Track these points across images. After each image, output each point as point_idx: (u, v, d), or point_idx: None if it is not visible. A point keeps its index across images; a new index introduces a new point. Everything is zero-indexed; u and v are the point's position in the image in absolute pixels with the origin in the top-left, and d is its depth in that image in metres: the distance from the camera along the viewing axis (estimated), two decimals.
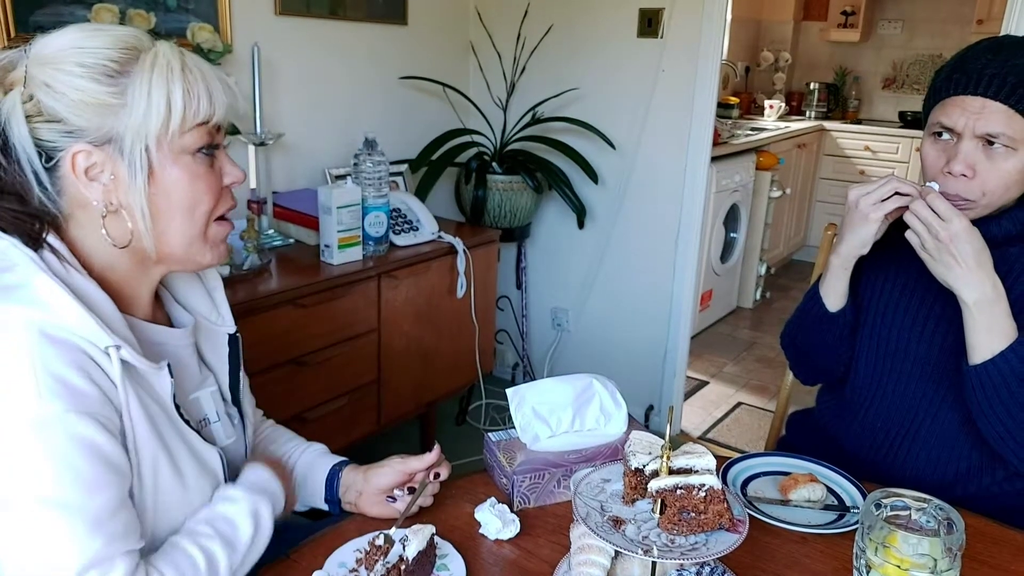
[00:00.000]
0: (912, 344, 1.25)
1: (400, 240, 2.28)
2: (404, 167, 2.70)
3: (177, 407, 0.91)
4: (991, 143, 1.09)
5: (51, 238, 0.85)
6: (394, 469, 1.11)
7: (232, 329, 1.08)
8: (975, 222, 1.14)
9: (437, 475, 1.11)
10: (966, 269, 1.06)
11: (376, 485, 1.11)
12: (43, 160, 0.83)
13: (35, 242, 0.84)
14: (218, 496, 0.96)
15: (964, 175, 1.11)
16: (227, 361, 1.07)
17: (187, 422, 0.93)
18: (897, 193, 1.12)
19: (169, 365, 0.90)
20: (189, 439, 0.93)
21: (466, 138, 2.78)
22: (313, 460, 1.17)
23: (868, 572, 0.86)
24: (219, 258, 0.97)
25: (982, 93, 1.08)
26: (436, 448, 1.11)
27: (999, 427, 1.12)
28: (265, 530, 0.96)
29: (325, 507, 1.15)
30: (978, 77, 1.08)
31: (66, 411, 0.77)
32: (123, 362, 0.83)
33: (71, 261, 0.85)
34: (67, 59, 0.83)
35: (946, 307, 1.19)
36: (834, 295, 1.27)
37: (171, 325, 1.02)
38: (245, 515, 0.95)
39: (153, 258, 0.91)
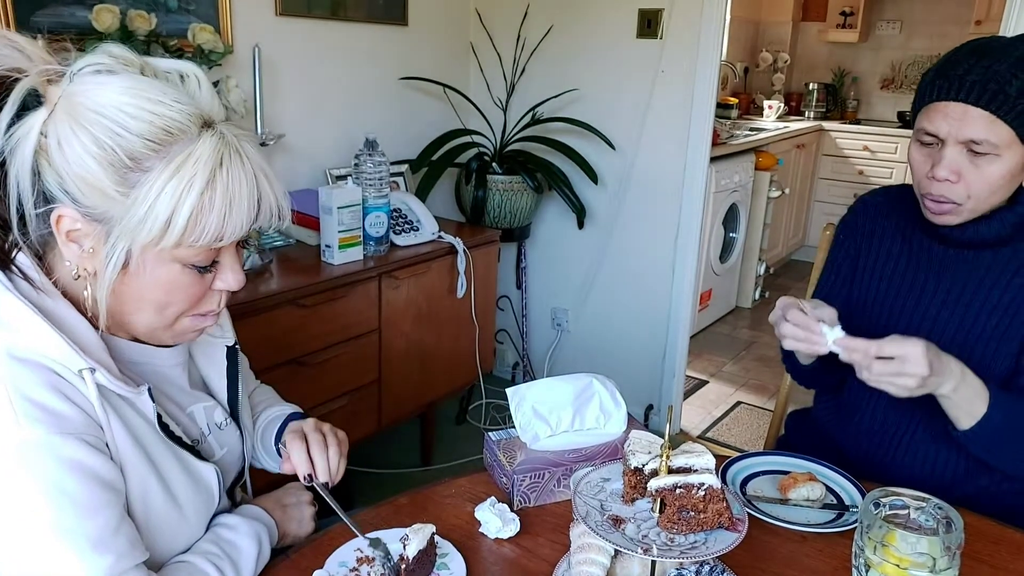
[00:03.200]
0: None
1: (401, 240, 2.28)
2: (404, 167, 2.71)
3: (166, 426, 0.88)
4: (975, 149, 1.09)
5: (22, 258, 0.81)
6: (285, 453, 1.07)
7: (231, 341, 1.06)
8: (966, 225, 1.16)
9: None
10: (931, 380, 1.04)
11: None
12: (36, 198, 0.77)
13: (1, 262, 0.80)
14: (218, 524, 0.96)
15: (949, 180, 1.11)
16: (225, 375, 1.04)
17: (179, 439, 0.90)
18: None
19: (150, 389, 0.86)
20: (181, 456, 0.90)
21: (466, 138, 2.78)
22: (263, 432, 1.16)
23: (867, 571, 0.86)
24: (183, 342, 0.93)
25: (963, 99, 1.07)
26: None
27: (1003, 464, 1.17)
28: (265, 554, 0.98)
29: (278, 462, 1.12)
30: (959, 83, 1.08)
31: (49, 435, 0.74)
32: (101, 385, 0.80)
33: (42, 284, 0.81)
34: (91, 126, 0.75)
35: (941, 309, 1.21)
36: (802, 355, 1.28)
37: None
38: (248, 538, 0.96)
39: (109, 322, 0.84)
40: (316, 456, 1.04)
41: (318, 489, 1.04)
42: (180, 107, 0.78)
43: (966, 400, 1.09)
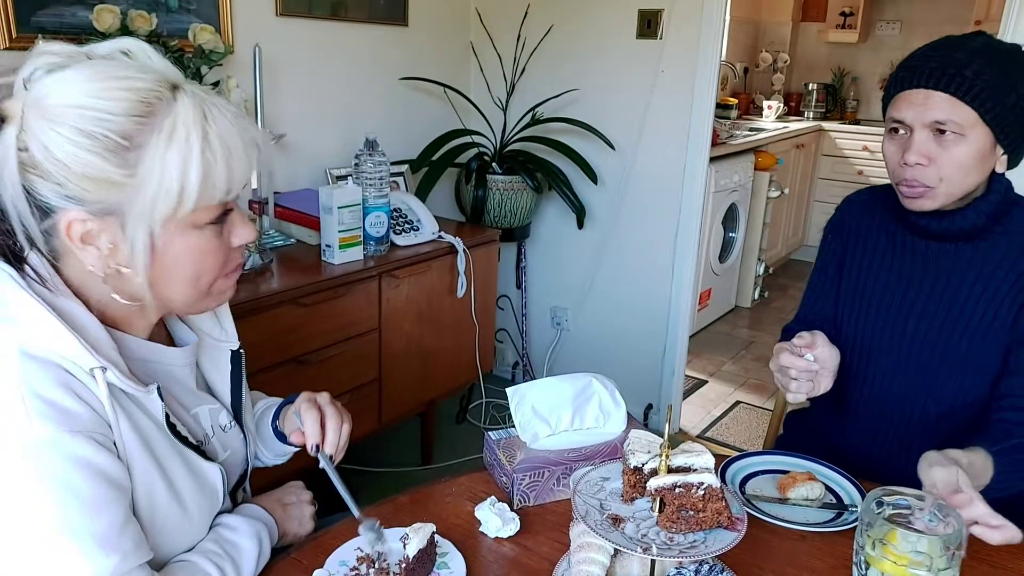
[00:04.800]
0: (895, 340, 1.27)
1: (401, 240, 2.29)
2: (405, 167, 2.71)
3: (172, 426, 0.88)
4: (942, 132, 1.14)
5: (34, 257, 0.81)
6: (289, 422, 1.09)
7: (235, 345, 1.06)
8: (943, 217, 1.20)
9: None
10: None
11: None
12: (36, 213, 0.76)
13: (14, 259, 0.80)
14: (219, 524, 0.96)
15: (920, 164, 1.15)
16: (229, 378, 1.05)
17: (184, 439, 0.90)
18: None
19: (159, 388, 0.86)
20: (186, 456, 0.90)
21: (466, 138, 2.79)
22: (260, 418, 1.18)
23: (867, 568, 0.87)
24: (223, 302, 0.94)
25: (924, 85, 1.14)
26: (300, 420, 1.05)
27: None
28: (265, 553, 0.99)
29: (286, 446, 1.14)
30: (920, 72, 1.15)
31: (59, 432, 0.75)
32: (110, 383, 0.80)
33: (54, 283, 0.81)
34: (69, 120, 0.74)
35: (927, 302, 1.23)
36: None
37: (171, 341, 0.98)
38: (248, 537, 0.96)
39: (154, 307, 0.87)
40: (330, 428, 1.04)
41: (322, 460, 1.03)
42: (146, 76, 0.78)
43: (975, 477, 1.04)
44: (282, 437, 1.14)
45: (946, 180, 1.16)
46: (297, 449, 1.15)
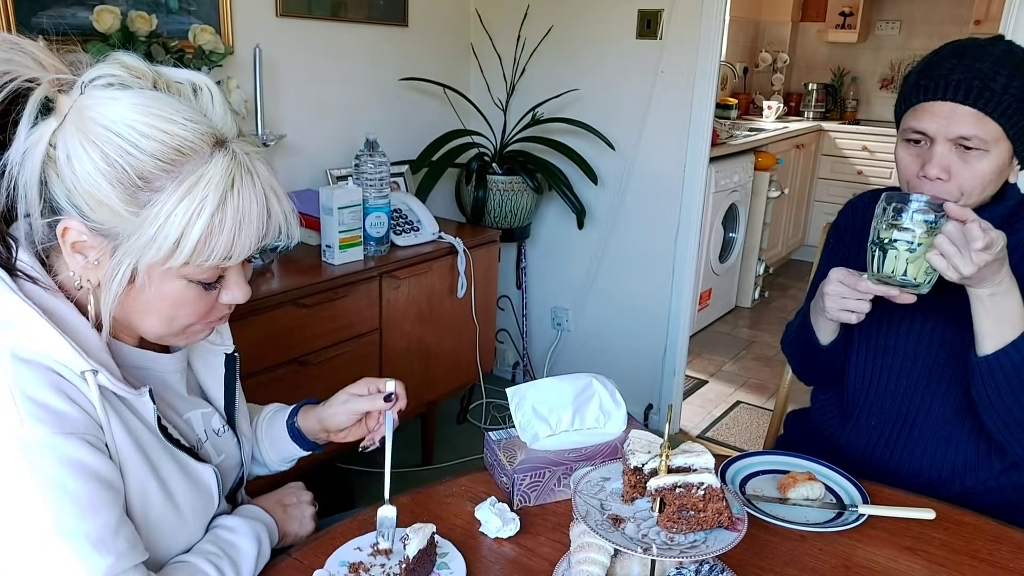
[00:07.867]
0: (901, 340, 1.26)
1: (401, 240, 2.29)
2: (405, 168, 2.71)
3: (164, 429, 0.88)
4: (965, 146, 1.10)
5: (26, 259, 0.81)
6: (347, 410, 1.13)
7: (230, 349, 1.06)
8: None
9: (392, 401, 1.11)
10: (997, 262, 1.03)
11: (335, 426, 1.14)
12: (43, 207, 0.78)
13: (4, 261, 0.80)
14: (217, 525, 0.96)
15: (940, 178, 1.12)
16: (223, 382, 1.04)
17: (177, 442, 0.90)
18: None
19: (151, 391, 0.87)
20: (179, 458, 0.90)
21: (466, 139, 2.79)
22: (271, 420, 1.18)
23: (881, 245, 1.05)
24: (194, 342, 0.94)
25: (951, 98, 1.10)
26: (390, 385, 1.12)
27: (1006, 416, 1.13)
28: (265, 554, 0.99)
29: (301, 452, 1.16)
30: (945, 83, 1.10)
31: (52, 434, 0.75)
32: (102, 387, 0.80)
33: (46, 283, 0.81)
34: (102, 143, 0.74)
35: (933, 302, 1.22)
36: (825, 333, 1.28)
37: (164, 345, 0.97)
38: (247, 538, 0.96)
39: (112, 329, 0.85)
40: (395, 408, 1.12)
41: (388, 427, 1.10)
42: (193, 126, 0.77)
43: (998, 316, 1.06)
44: (298, 437, 1.14)
45: (966, 194, 1.13)
46: (305, 455, 1.17)
